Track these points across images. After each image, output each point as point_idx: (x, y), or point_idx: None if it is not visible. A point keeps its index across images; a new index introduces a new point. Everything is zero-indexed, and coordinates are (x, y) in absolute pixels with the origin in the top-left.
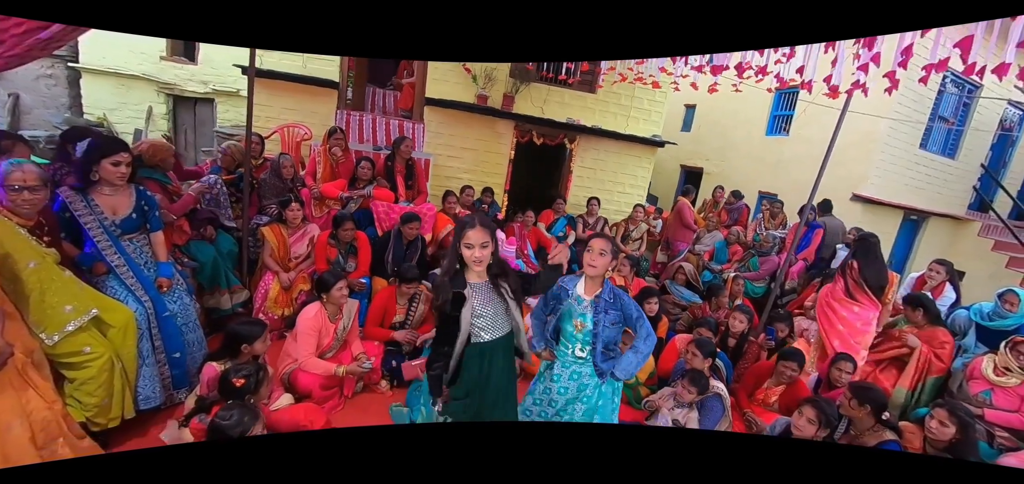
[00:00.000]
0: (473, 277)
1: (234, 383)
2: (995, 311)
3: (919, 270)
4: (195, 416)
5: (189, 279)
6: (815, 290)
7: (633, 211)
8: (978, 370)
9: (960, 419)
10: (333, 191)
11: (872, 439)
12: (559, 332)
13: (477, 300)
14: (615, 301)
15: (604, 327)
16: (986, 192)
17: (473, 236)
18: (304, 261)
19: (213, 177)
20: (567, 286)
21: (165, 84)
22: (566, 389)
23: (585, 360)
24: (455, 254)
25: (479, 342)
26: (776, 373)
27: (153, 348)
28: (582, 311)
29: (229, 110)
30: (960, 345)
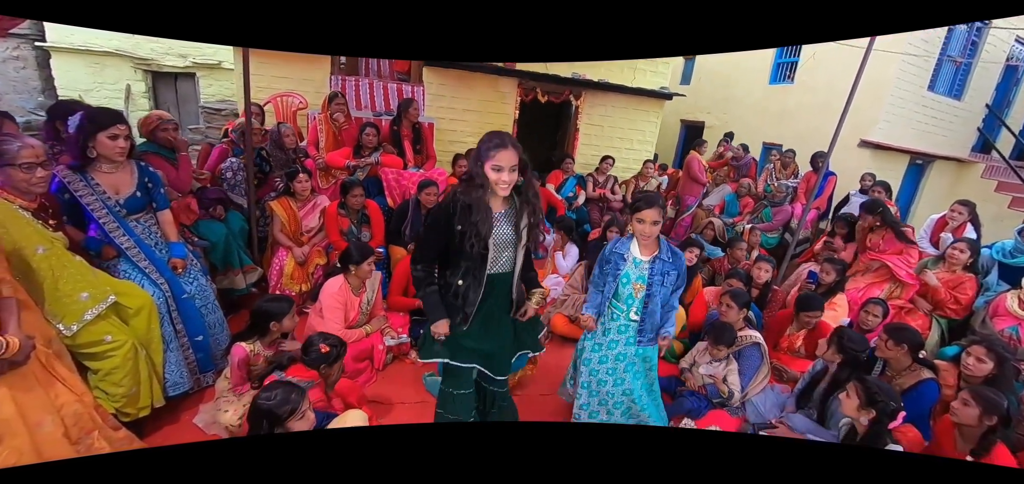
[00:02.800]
0: (495, 203)
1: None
2: (1016, 247)
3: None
4: (273, 372)
5: (202, 259)
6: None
7: (643, 168)
8: (1003, 307)
9: (998, 354)
10: (339, 160)
11: (910, 379)
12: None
13: (497, 226)
14: (674, 260)
15: (660, 288)
16: (989, 132)
17: (504, 157)
18: (316, 234)
19: (235, 161)
20: (621, 250)
21: (141, 60)
22: (624, 354)
23: (635, 324)
24: (481, 173)
25: (492, 274)
26: (797, 321)
27: (175, 332)
28: (640, 273)
29: (212, 84)
30: (983, 284)
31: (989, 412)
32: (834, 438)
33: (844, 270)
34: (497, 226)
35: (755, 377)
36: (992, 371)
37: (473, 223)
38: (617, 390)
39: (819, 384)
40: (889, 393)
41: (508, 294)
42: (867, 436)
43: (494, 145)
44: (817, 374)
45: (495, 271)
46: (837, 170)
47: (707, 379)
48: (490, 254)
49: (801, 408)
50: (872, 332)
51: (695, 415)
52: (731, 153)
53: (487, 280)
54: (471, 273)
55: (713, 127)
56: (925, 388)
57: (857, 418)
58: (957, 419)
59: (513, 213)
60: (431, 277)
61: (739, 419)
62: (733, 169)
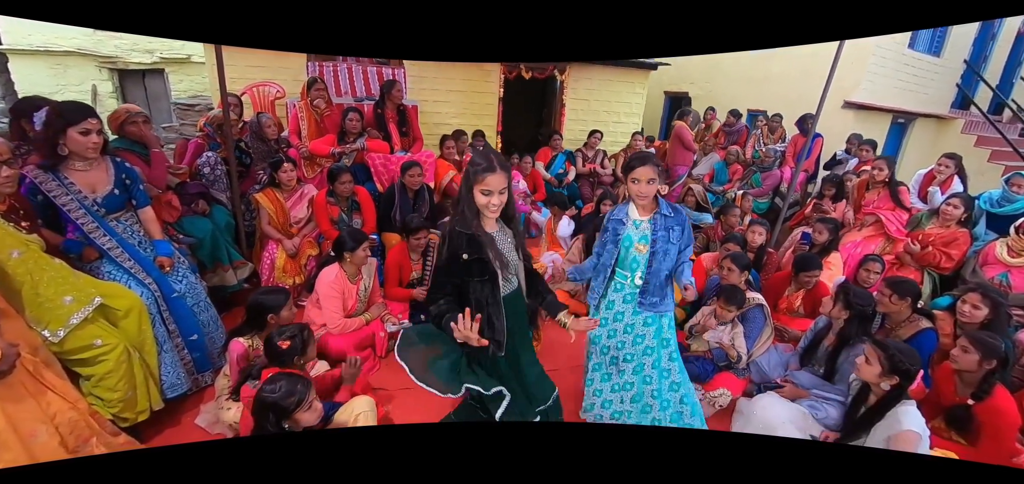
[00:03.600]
0: (488, 225)
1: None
2: (1004, 196)
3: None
4: (246, 382)
5: (189, 257)
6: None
7: (631, 140)
8: (992, 255)
9: (993, 300)
10: (323, 148)
11: (908, 330)
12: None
13: (502, 246)
14: (676, 214)
15: (664, 245)
16: (967, 87)
17: (493, 181)
18: (306, 225)
19: (212, 155)
20: (619, 216)
21: (106, 58)
22: (632, 326)
23: (639, 287)
24: (470, 201)
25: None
26: (796, 281)
27: (168, 333)
28: (643, 233)
29: (183, 79)
30: (973, 234)
31: (988, 356)
32: (842, 394)
33: (837, 229)
34: (500, 243)
35: (759, 338)
36: (987, 316)
37: (483, 246)
38: (628, 366)
39: (823, 341)
40: (910, 355)
41: (523, 313)
42: (885, 400)
43: (481, 169)
44: (820, 331)
45: (504, 293)
46: (822, 132)
47: (714, 343)
48: (499, 271)
49: (805, 366)
50: (871, 287)
51: (703, 379)
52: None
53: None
54: (486, 301)
55: (697, 97)
56: (924, 338)
57: (877, 384)
58: (958, 366)
59: (505, 234)
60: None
61: (745, 380)
62: (723, 136)
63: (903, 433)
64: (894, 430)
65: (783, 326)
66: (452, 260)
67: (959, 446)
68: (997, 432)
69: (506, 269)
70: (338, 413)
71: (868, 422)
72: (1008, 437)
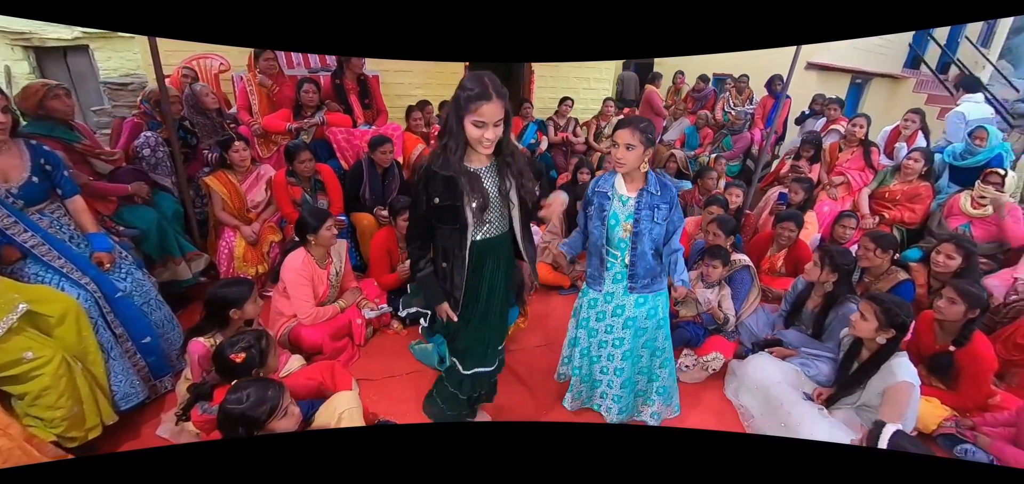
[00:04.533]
0: (477, 161)
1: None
2: (966, 149)
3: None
4: (195, 406)
5: (134, 251)
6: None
7: (603, 106)
8: (956, 207)
9: (966, 249)
10: (277, 124)
11: (888, 282)
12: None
13: (485, 182)
14: (663, 192)
15: (651, 223)
16: (918, 46)
17: (488, 111)
18: (265, 209)
19: (151, 135)
20: (605, 188)
21: (18, 35)
22: (623, 307)
23: (627, 269)
24: (458, 133)
25: (485, 239)
26: (776, 238)
27: (116, 337)
28: (628, 211)
29: (111, 56)
30: (935, 187)
31: (973, 306)
32: (832, 351)
33: (811, 188)
34: (487, 182)
35: (746, 300)
36: (961, 265)
37: (464, 193)
38: (617, 351)
39: (806, 303)
40: (904, 307)
41: (504, 263)
42: (879, 353)
43: (475, 96)
44: (801, 293)
45: (482, 237)
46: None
47: (702, 307)
48: (470, 220)
49: (790, 327)
50: (847, 243)
51: (694, 344)
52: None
53: (475, 249)
54: (451, 252)
55: (664, 62)
56: (903, 289)
57: (873, 338)
58: (943, 317)
59: (494, 169)
60: (423, 255)
61: (735, 343)
62: (692, 101)
63: (899, 384)
64: (889, 382)
65: (766, 286)
66: (424, 199)
67: (940, 391)
68: (976, 376)
69: (486, 210)
70: (318, 413)
71: (863, 376)
72: (985, 380)
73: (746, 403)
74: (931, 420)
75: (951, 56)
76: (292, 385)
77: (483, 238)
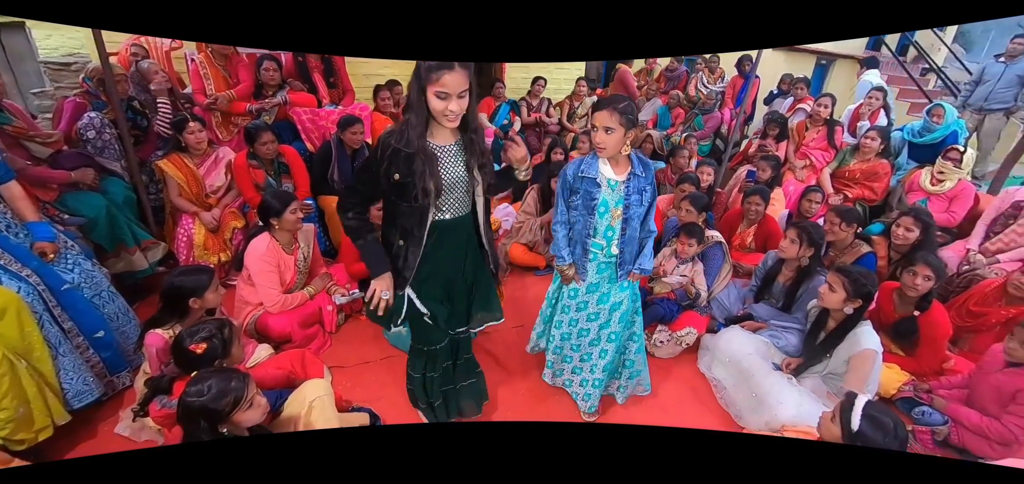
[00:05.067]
0: (441, 137)
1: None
2: (925, 126)
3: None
4: (153, 400)
5: (81, 240)
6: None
7: (576, 86)
8: (916, 183)
9: (923, 222)
10: (238, 105)
11: (852, 255)
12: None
13: (445, 167)
14: (646, 173)
15: (640, 207)
16: None
17: (450, 81)
18: (226, 194)
19: (96, 116)
20: (590, 173)
21: None
22: (608, 295)
23: (615, 258)
24: (421, 107)
25: (441, 220)
26: (745, 214)
27: (64, 332)
28: (618, 196)
29: (51, 34)
30: (895, 164)
31: (939, 277)
32: (800, 323)
33: (778, 166)
34: (442, 166)
35: (718, 275)
36: (919, 237)
37: (419, 173)
38: (602, 335)
39: (776, 278)
40: (870, 278)
41: (464, 245)
42: (845, 323)
43: (436, 66)
44: (771, 269)
45: (444, 218)
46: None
47: (676, 284)
48: (430, 202)
49: (759, 302)
50: (813, 217)
51: (668, 319)
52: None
53: (435, 230)
54: (410, 232)
55: None
56: (866, 261)
57: (841, 308)
58: (914, 293)
59: (459, 147)
60: (367, 224)
61: (707, 317)
62: (664, 81)
63: (864, 352)
64: (854, 349)
65: (737, 262)
66: (380, 172)
67: (899, 358)
68: (933, 342)
69: (446, 194)
70: (287, 403)
71: (830, 345)
72: (941, 346)
73: (719, 375)
74: (891, 385)
75: (909, 39)
76: (260, 375)
77: (443, 219)
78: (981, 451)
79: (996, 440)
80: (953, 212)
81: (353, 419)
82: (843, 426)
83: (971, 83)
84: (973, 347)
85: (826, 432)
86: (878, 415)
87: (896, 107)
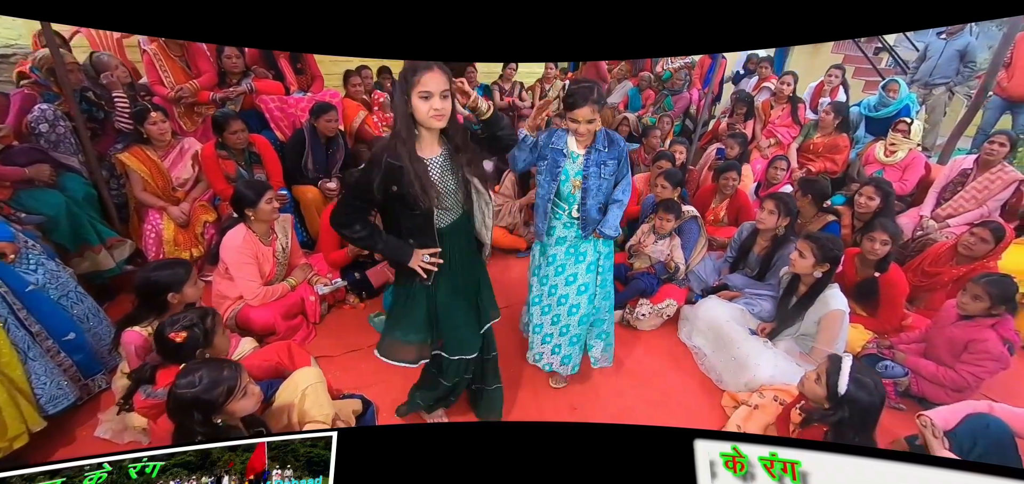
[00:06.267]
0: (428, 148)
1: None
2: (880, 101)
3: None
4: (138, 391)
5: (41, 240)
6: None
7: (545, 70)
8: (872, 155)
9: (884, 190)
10: (203, 96)
11: (817, 224)
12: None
13: (437, 174)
14: (610, 148)
15: (598, 180)
16: None
17: (431, 80)
18: (194, 186)
19: (48, 107)
20: (558, 144)
21: None
22: (564, 264)
23: (577, 220)
24: (405, 113)
25: (446, 224)
26: (719, 189)
27: (32, 336)
28: (578, 168)
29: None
30: (853, 138)
31: (895, 241)
32: (772, 289)
33: (746, 143)
34: (436, 169)
35: (695, 248)
36: (879, 205)
37: (412, 183)
38: (570, 291)
39: (752, 248)
40: (837, 244)
41: (468, 245)
42: (815, 287)
43: (416, 68)
44: (745, 240)
45: (444, 224)
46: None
47: (656, 258)
48: (434, 204)
49: (734, 272)
50: (779, 184)
51: (649, 293)
52: None
53: (442, 236)
54: (418, 233)
55: None
56: (830, 228)
57: (810, 273)
58: (874, 256)
59: (445, 157)
60: (376, 229)
61: (685, 289)
62: (631, 64)
63: (833, 312)
64: (824, 311)
65: (711, 236)
66: (376, 186)
67: (862, 318)
68: (892, 300)
69: (442, 199)
70: (280, 391)
71: (801, 308)
72: (900, 304)
73: (698, 344)
74: (856, 343)
75: None
76: (247, 367)
77: (444, 225)
78: (937, 397)
79: (950, 387)
80: (905, 180)
81: (346, 406)
82: (830, 387)
83: (917, 60)
84: (928, 305)
85: (810, 391)
86: (862, 376)
87: (852, 85)
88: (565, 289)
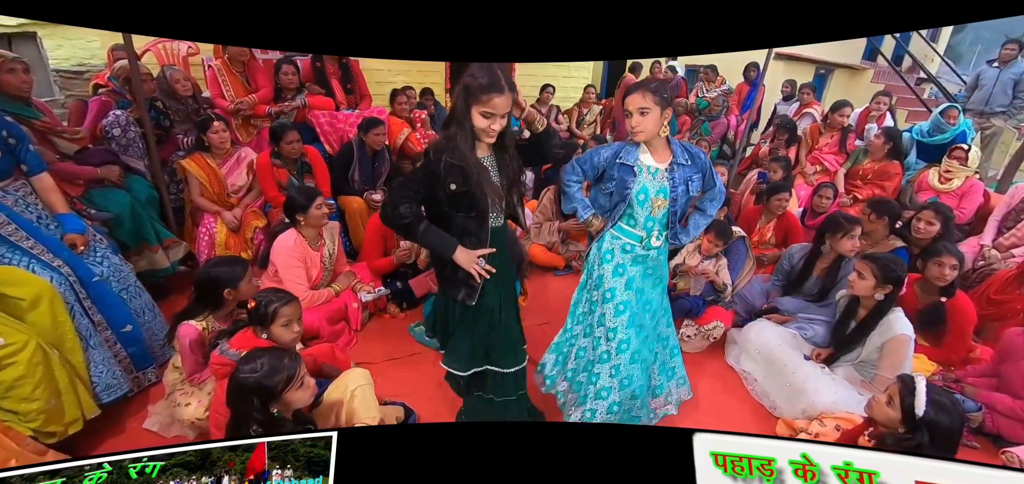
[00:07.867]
0: (481, 150)
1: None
2: (936, 126)
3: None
4: (214, 349)
5: (107, 236)
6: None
7: (584, 93)
8: (925, 182)
9: (944, 215)
10: (260, 110)
11: (885, 247)
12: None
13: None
14: (694, 162)
15: (684, 200)
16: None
17: (499, 103)
18: (248, 193)
19: (121, 114)
20: (627, 159)
21: None
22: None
23: (661, 248)
24: (466, 122)
25: (494, 228)
26: (768, 209)
27: (94, 325)
28: (660, 185)
29: (62, 44)
30: (904, 164)
31: (961, 266)
32: (826, 314)
33: (789, 167)
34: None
35: (742, 269)
36: (940, 230)
37: (475, 182)
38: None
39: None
40: (899, 264)
41: (505, 254)
42: (876, 310)
43: (486, 86)
44: (796, 263)
45: (493, 225)
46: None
47: (703, 273)
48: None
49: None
50: (825, 213)
51: (695, 314)
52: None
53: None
54: (470, 234)
55: None
56: (899, 254)
57: (871, 295)
58: (941, 282)
59: (492, 161)
60: (421, 215)
61: (733, 311)
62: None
63: (898, 337)
64: (888, 336)
65: (759, 255)
66: (435, 180)
67: (926, 348)
68: (960, 328)
69: (496, 203)
70: (329, 390)
71: (862, 333)
72: (967, 333)
73: (748, 368)
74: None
75: (904, 49)
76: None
77: (494, 227)
78: (1016, 435)
79: None
80: (963, 208)
81: (390, 412)
82: (905, 409)
83: (968, 89)
84: (996, 337)
85: (881, 415)
86: (939, 397)
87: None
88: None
